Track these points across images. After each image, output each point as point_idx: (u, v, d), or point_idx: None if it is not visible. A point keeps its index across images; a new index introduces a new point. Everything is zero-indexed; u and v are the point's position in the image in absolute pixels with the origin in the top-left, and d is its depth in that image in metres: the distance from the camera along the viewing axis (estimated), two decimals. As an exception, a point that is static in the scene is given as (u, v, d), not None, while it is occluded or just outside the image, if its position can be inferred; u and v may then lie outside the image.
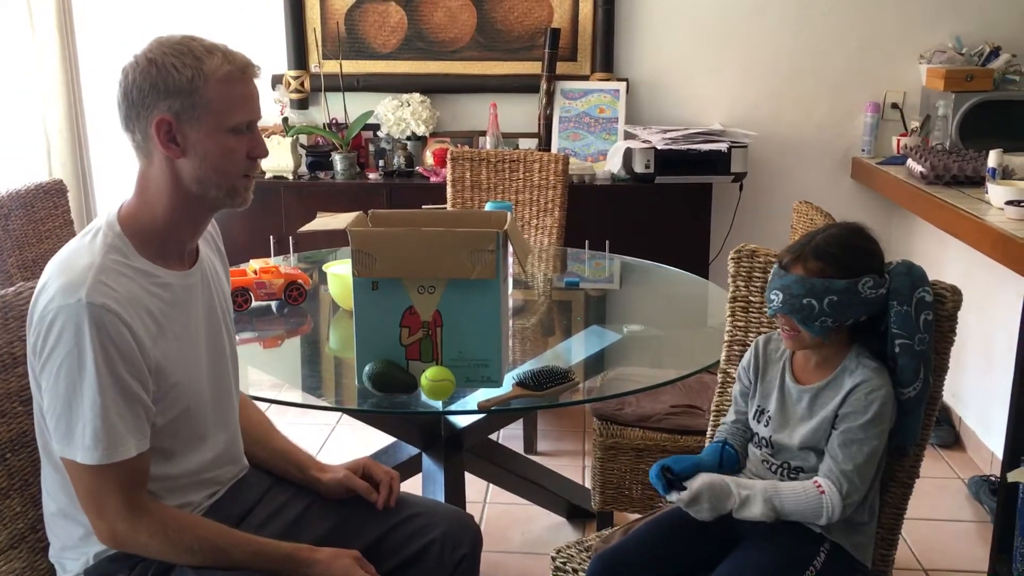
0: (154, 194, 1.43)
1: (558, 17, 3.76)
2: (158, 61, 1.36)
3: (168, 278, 1.44)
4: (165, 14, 3.78)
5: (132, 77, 1.37)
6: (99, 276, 1.34)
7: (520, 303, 2.55)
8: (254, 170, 1.47)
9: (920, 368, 1.57)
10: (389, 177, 3.66)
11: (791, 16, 3.72)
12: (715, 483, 1.58)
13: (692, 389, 2.52)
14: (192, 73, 1.36)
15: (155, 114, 1.37)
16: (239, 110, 1.41)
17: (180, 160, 1.40)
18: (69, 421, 1.34)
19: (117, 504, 1.37)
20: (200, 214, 1.48)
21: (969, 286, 1.72)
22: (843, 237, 1.59)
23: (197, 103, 1.37)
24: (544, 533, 2.76)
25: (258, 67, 1.45)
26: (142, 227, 1.43)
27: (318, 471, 1.69)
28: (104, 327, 1.31)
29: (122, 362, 1.33)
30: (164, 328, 1.41)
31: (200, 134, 1.38)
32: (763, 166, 3.80)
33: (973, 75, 3.38)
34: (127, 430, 1.35)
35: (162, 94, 1.36)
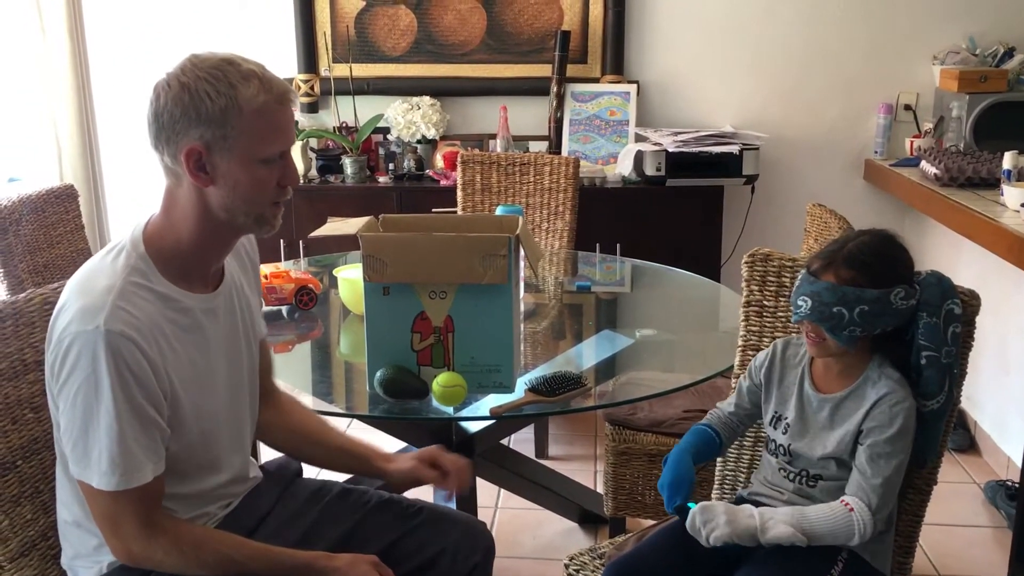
0: (180, 216, 1.39)
1: (568, 20, 3.75)
2: (191, 87, 1.31)
3: (189, 302, 1.42)
4: (175, 18, 3.78)
5: (164, 100, 1.33)
6: (118, 301, 1.32)
7: (531, 307, 2.54)
8: (284, 197, 1.42)
9: (945, 381, 1.55)
10: (399, 180, 3.66)
11: (802, 17, 3.70)
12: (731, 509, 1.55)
13: (705, 394, 2.50)
14: (226, 102, 1.31)
15: (185, 142, 1.32)
16: (273, 141, 1.36)
17: (209, 188, 1.36)
18: (86, 446, 1.33)
19: (132, 525, 1.36)
20: (226, 239, 1.45)
21: (984, 289, 1.70)
22: (875, 245, 1.56)
23: (229, 134, 1.32)
24: (556, 538, 2.75)
25: (295, 93, 1.42)
26: (166, 248, 1.40)
27: (384, 462, 1.67)
28: (121, 354, 1.29)
29: (138, 388, 1.32)
30: (180, 353, 1.39)
31: (231, 164, 1.34)
32: (775, 168, 3.78)
33: (987, 76, 3.35)
34: (144, 455, 1.34)
35: (193, 122, 1.31)
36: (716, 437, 1.72)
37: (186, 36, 3.78)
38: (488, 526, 1.75)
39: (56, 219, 2.78)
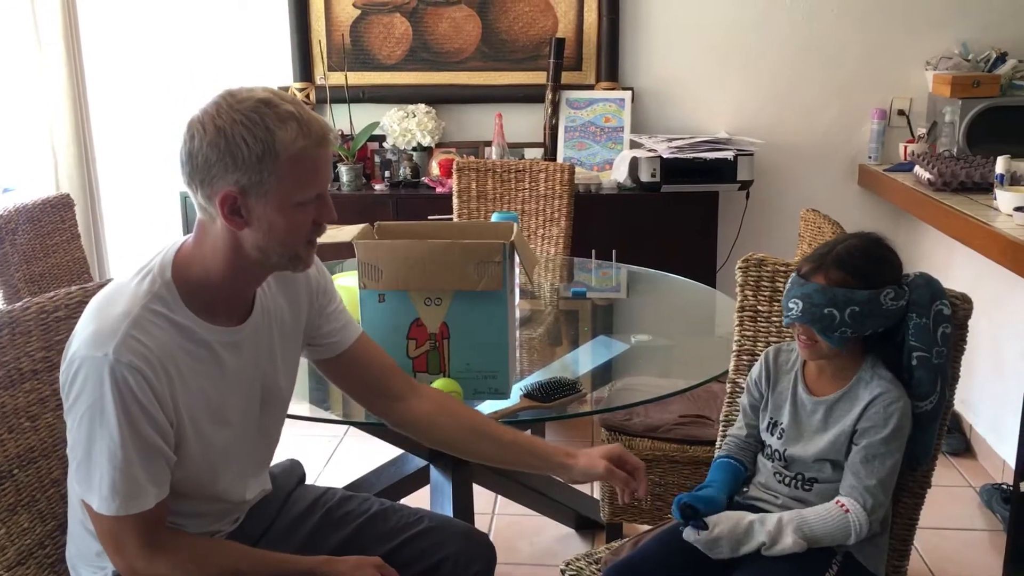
0: (210, 251, 1.36)
1: (563, 27, 3.77)
2: (227, 131, 1.26)
3: (207, 334, 1.38)
4: (171, 28, 3.79)
5: (198, 143, 1.27)
6: (131, 330, 1.29)
7: (527, 313, 2.55)
8: (319, 235, 1.39)
9: (937, 381, 1.56)
10: (395, 188, 3.67)
11: (796, 23, 3.72)
12: (737, 527, 1.57)
13: (701, 399, 2.51)
14: (263, 148, 1.26)
15: (220, 186, 1.28)
16: (310, 185, 1.33)
17: (243, 231, 1.32)
18: (88, 469, 1.33)
19: (135, 546, 1.35)
20: (257, 275, 1.42)
21: (978, 293, 1.71)
22: (864, 247, 1.57)
23: (266, 179, 1.28)
24: (553, 544, 2.75)
25: (334, 132, 1.37)
26: (193, 278, 1.37)
27: (565, 457, 1.61)
28: (127, 384, 1.28)
29: (143, 417, 1.30)
30: (191, 384, 1.37)
31: (266, 208, 1.30)
32: (769, 174, 3.79)
33: (980, 81, 3.37)
34: (147, 482, 1.33)
35: (229, 168, 1.27)
36: (740, 465, 1.72)
37: (182, 46, 3.80)
38: (485, 532, 1.75)
39: (52, 228, 2.78)
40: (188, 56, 3.80)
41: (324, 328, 1.60)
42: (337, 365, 1.63)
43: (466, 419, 1.66)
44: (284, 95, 1.32)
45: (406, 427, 1.67)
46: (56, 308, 1.59)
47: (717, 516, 1.59)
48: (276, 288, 1.51)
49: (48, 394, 1.57)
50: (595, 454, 1.61)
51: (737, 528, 1.57)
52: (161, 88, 3.84)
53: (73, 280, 2.78)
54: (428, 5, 3.78)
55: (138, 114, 3.88)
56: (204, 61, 3.80)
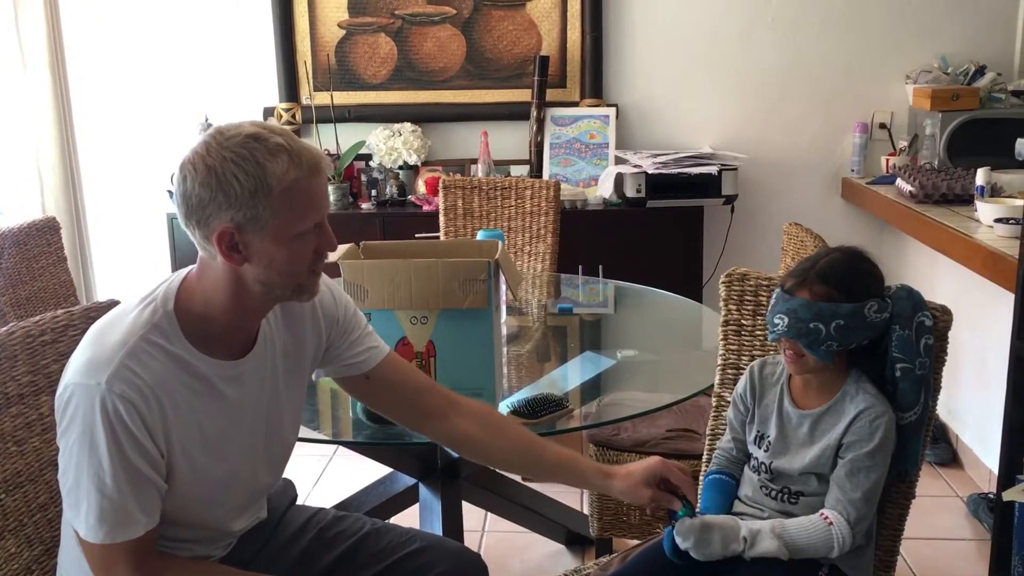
0: (211, 286, 1.35)
1: (546, 45, 3.80)
2: (218, 170, 1.25)
3: (205, 368, 1.37)
4: (158, 50, 3.81)
5: (191, 184, 1.27)
6: (126, 360, 1.29)
7: (514, 330, 2.56)
8: (322, 264, 1.38)
9: (921, 392, 1.57)
10: (382, 207, 3.68)
11: (777, 39, 3.76)
12: (727, 523, 1.58)
13: (688, 413, 2.52)
14: (255, 184, 1.26)
15: (216, 224, 1.28)
16: (307, 216, 1.31)
17: (244, 266, 1.32)
18: (77, 496, 1.32)
19: (125, 572, 1.34)
20: (261, 309, 1.40)
21: (962, 304, 1.73)
22: (847, 261, 1.59)
23: (261, 214, 1.27)
24: (543, 561, 2.75)
25: (327, 161, 1.36)
26: (194, 311, 1.36)
27: (604, 478, 1.60)
28: (118, 414, 1.27)
29: (134, 447, 1.30)
30: (187, 416, 1.36)
31: (264, 243, 1.29)
32: (754, 188, 3.82)
33: (959, 94, 3.41)
34: (136, 510, 1.32)
35: (223, 205, 1.26)
36: (730, 479, 1.73)
37: (168, 68, 3.81)
38: (475, 550, 1.75)
39: (38, 252, 2.78)
40: (174, 78, 3.81)
41: (344, 356, 1.58)
42: (366, 386, 1.61)
43: (510, 438, 1.63)
44: (273, 127, 1.31)
45: (448, 445, 1.68)
46: (42, 332, 1.59)
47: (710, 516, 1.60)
48: (281, 322, 1.49)
49: (34, 418, 1.57)
50: (639, 474, 1.57)
51: (726, 524, 1.57)
52: (147, 110, 3.85)
53: (60, 304, 2.78)
54: (413, 25, 3.80)
55: (124, 136, 3.88)
56: (190, 83, 3.81)
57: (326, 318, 1.55)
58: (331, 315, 1.56)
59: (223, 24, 3.82)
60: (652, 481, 1.57)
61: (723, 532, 1.56)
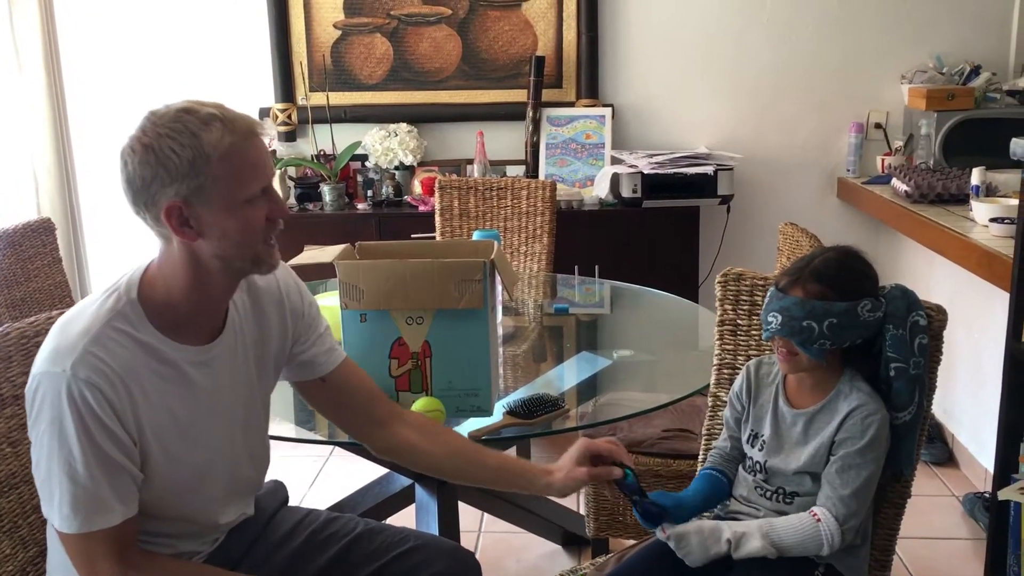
0: (171, 270, 1.36)
1: (542, 45, 3.80)
2: (155, 147, 1.28)
3: (173, 353, 1.37)
4: (152, 51, 3.80)
5: (132, 166, 1.29)
6: (91, 347, 1.29)
7: (511, 330, 2.55)
8: (275, 231, 1.38)
9: (915, 391, 1.57)
10: (378, 207, 3.68)
11: (773, 39, 3.76)
12: (703, 526, 1.58)
13: (684, 413, 2.52)
14: (193, 155, 1.27)
15: (163, 201, 1.29)
16: (250, 180, 1.32)
17: (198, 242, 1.32)
18: (50, 486, 1.32)
19: (106, 564, 1.33)
20: (225, 285, 1.40)
21: (957, 304, 1.73)
22: (841, 260, 1.60)
23: (204, 184, 1.28)
24: (539, 561, 2.75)
25: (262, 125, 1.36)
26: (157, 298, 1.37)
27: (546, 476, 1.59)
28: (86, 400, 1.28)
29: (103, 434, 1.30)
30: (156, 403, 1.36)
31: (214, 214, 1.30)
32: (750, 188, 3.82)
33: (954, 94, 3.41)
34: (111, 498, 1.32)
35: (165, 181, 1.28)
36: (722, 476, 1.73)
37: (163, 69, 3.80)
38: (471, 550, 1.75)
39: (33, 252, 2.77)
40: (170, 79, 3.80)
41: (306, 353, 1.59)
42: (321, 389, 1.62)
43: (451, 445, 1.65)
44: (205, 102, 1.33)
45: (390, 453, 1.67)
46: (37, 333, 1.59)
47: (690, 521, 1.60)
48: (250, 312, 1.50)
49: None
50: (569, 463, 1.58)
51: (703, 527, 1.57)
52: (143, 111, 3.83)
53: (55, 304, 2.78)
54: (408, 25, 3.80)
55: (119, 138, 3.86)
56: (185, 84, 3.80)
57: (292, 312, 1.55)
58: (297, 309, 1.56)
59: (219, 24, 3.81)
60: (584, 461, 1.57)
61: (700, 536, 1.57)
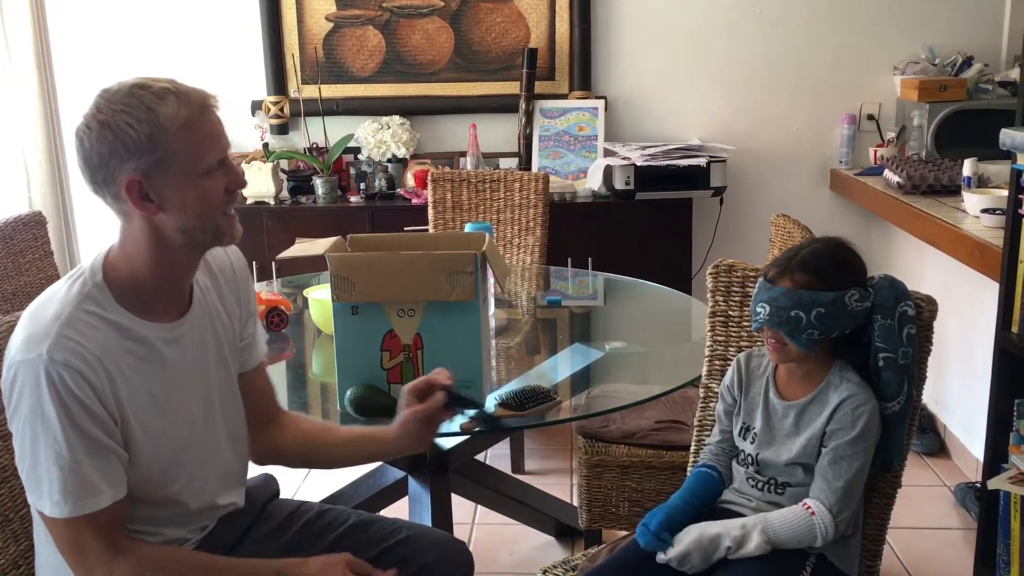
0: (134, 247, 1.37)
1: (535, 37, 3.79)
2: (111, 123, 1.29)
3: (145, 331, 1.38)
4: (143, 44, 3.79)
5: (89, 144, 1.31)
6: (64, 330, 1.30)
7: (503, 322, 2.56)
8: (234, 203, 1.41)
9: (904, 382, 1.58)
10: (371, 200, 3.67)
11: (765, 31, 3.76)
12: (703, 538, 1.58)
13: (677, 404, 2.53)
14: (150, 128, 1.29)
15: (122, 177, 1.31)
16: (208, 151, 1.34)
17: (159, 216, 1.34)
18: (37, 475, 1.32)
19: (95, 549, 1.33)
20: (187, 259, 1.42)
21: (948, 294, 1.73)
22: (828, 251, 1.61)
23: (163, 157, 1.30)
24: (532, 552, 2.76)
25: (215, 97, 1.38)
26: (123, 278, 1.38)
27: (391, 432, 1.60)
28: (65, 383, 1.28)
29: (85, 415, 1.30)
30: (135, 382, 1.37)
31: (174, 187, 1.32)
32: (743, 180, 3.82)
33: (946, 85, 3.41)
34: (99, 480, 1.32)
35: (124, 156, 1.29)
36: (714, 472, 1.73)
37: (154, 61, 3.79)
38: (465, 542, 1.75)
39: (24, 246, 2.77)
40: (161, 72, 3.78)
41: (242, 344, 1.60)
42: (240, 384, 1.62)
43: (306, 434, 1.67)
44: (157, 78, 1.35)
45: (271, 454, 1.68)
46: (26, 326, 1.58)
47: (683, 531, 1.61)
48: (211, 290, 1.52)
49: (20, 413, 1.56)
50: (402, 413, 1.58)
51: (703, 539, 1.58)
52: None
53: (46, 298, 2.76)
54: (401, 17, 3.79)
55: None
56: (177, 76, 3.77)
57: (245, 295, 1.60)
58: (247, 294, 1.61)
59: (210, 17, 3.80)
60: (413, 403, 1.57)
61: (702, 551, 1.57)
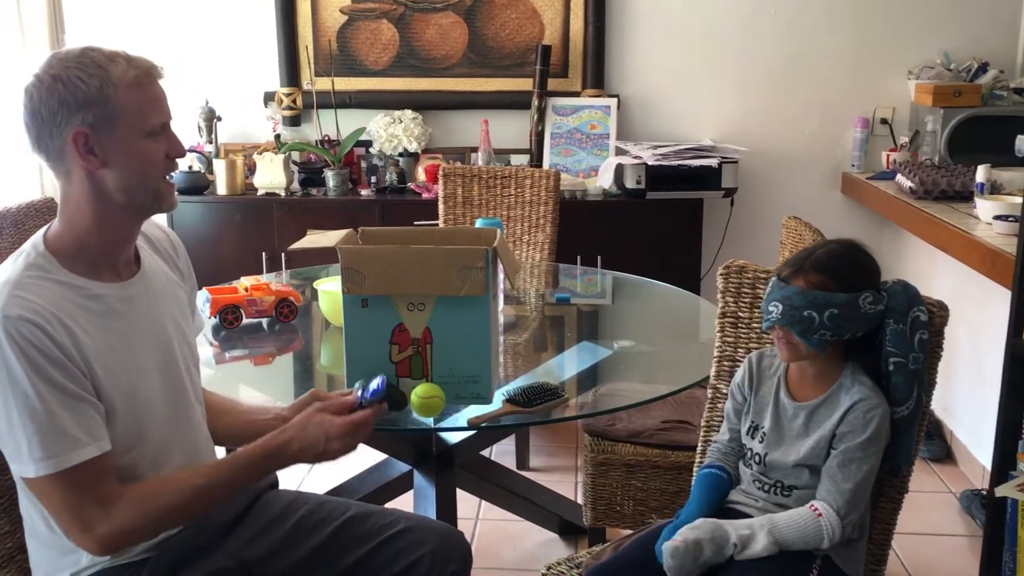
0: (76, 210, 1.40)
1: (549, 34, 3.78)
2: (62, 76, 1.33)
3: (99, 290, 1.41)
4: (157, 32, 3.79)
5: (39, 96, 1.34)
6: (15, 291, 1.32)
7: (512, 319, 2.56)
8: (173, 171, 1.47)
9: (914, 387, 1.58)
10: (381, 193, 3.67)
11: (781, 32, 3.75)
12: (716, 532, 1.57)
13: (683, 404, 2.53)
14: (100, 83, 1.34)
15: (69, 129, 1.34)
16: (152, 113, 1.40)
17: (101, 171, 1.37)
18: (15, 438, 1.31)
19: (91, 505, 1.33)
20: (128, 223, 1.45)
21: (959, 301, 1.73)
22: (843, 252, 1.60)
23: (111, 112, 1.35)
24: (536, 549, 2.76)
25: (161, 68, 1.44)
26: (67, 245, 1.40)
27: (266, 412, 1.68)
28: (24, 337, 1.29)
29: (52, 367, 1.30)
30: (97, 338, 1.38)
31: (118, 143, 1.37)
32: (754, 181, 3.81)
33: (961, 91, 3.40)
34: (79, 433, 1.32)
35: (73, 108, 1.34)
36: (722, 473, 1.72)
37: (169, 51, 3.79)
38: (468, 537, 1.75)
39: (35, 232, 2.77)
40: (175, 62, 3.80)
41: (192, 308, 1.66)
42: None
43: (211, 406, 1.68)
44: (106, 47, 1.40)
45: None
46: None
47: (695, 523, 1.60)
48: (157, 258, 1.56)
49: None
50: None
51: (716, 532, 1.58)
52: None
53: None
54: (415, 11, 3.79)
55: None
56: (191, 66, 3.80)
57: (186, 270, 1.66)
58: (188, 269, 1.67)
59: (225, 8, 3.81)
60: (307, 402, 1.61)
61: (711, 539, 1.56)
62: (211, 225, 3.61)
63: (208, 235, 3.61)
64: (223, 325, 2.35)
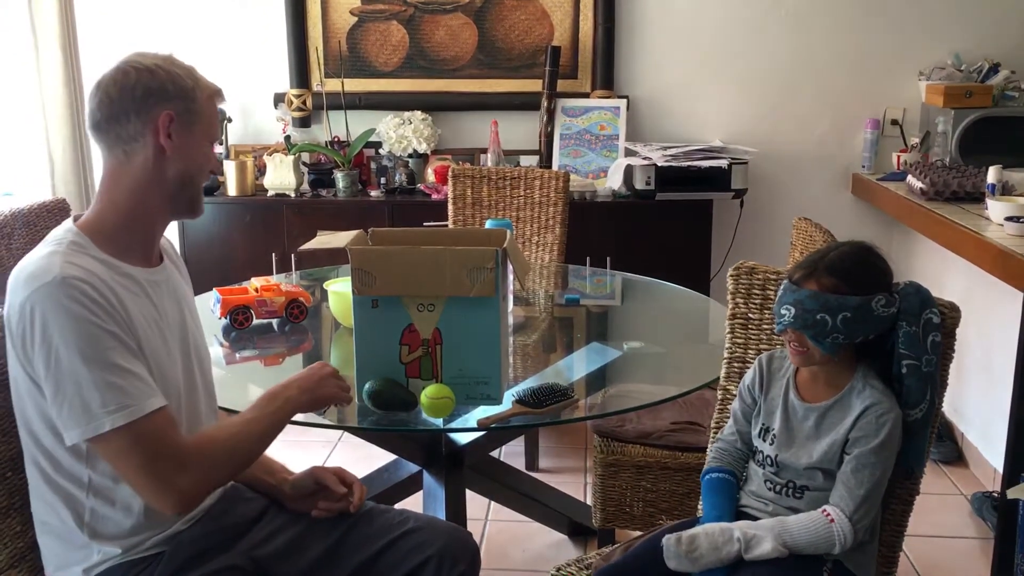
0: (123, 190, 1.45)
1: (559, 35, 3.78)
2: (162, 67, 1.45)
3: (132, 271, 1.46)
4: (168, 34, 3.81)
5: (136, 76, 1.42)
6: (67, 259, 1.37)
7: (521, 320, 2.56)
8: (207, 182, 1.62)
9: (927, 389, 1.57)
10: (391, 194, 3.68)
11: (790, 33, 3.74)
12: (713, 530, 1.57)
13: (693, 406, 2.52)
14: (192, 84, 1.47)
15: (158, 110, 1.43)
16: (214, 128, 1.54)
17: (170, 156, 1.45)
18: (83, 398, 1.32)
19: (166, 460, 1.36)
20: (164, 215, 1.51)
21: (970, 302, 1.72)
22: (856, 254, 1.59)
23: (193, 110, 1.47)
24: (545, 550, 2.76)
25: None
26: (104, 226, 1.45)
27: (286, 473, 1.74)
28: (87, 294, 1.33)
29: (114, 323, 1.35)
30: (136, 313, 1.42)
31: (191, 138, 1.47)
32: (764, 182, 3.81)
33: (972, 91, 3.39)
34: (145, 384, 1.37)
35: (168, 95, 1.44)
36: (731, 477, 1.72)
37: (179, 52, 3.80)
38: (478, 538, 1.75)
39: (47, 232, 2.78)
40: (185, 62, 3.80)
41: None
42: None
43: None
44: None
45: None
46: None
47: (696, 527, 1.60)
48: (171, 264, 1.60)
49: (41, 397, 1.58)
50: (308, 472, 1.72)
51: (713, 530, 1.57)
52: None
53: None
54: (425, 13, 3.80)
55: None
56: (201, 68, 3.79)
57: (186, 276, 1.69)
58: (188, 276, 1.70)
59: (236, 9, 3.82)
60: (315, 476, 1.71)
61: (710, 539, 1.56)
62: (221, 226, 3.62)
63: (218, 236, 3.62)
64: (233, 326, 2.36)
